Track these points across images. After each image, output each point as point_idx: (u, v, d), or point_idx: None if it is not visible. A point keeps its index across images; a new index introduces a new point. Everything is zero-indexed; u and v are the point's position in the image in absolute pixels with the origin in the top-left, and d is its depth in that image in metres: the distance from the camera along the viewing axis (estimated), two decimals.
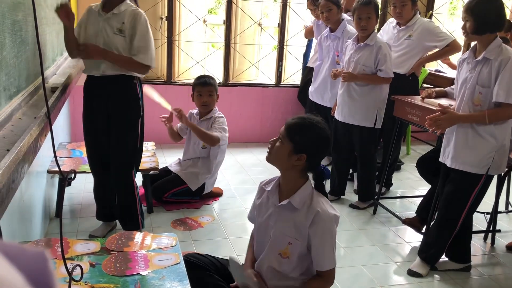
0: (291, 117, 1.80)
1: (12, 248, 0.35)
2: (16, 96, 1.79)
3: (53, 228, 2.95)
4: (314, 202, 1.74)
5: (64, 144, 3.51)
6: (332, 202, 3.59)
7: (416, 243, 3.11)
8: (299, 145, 1.72)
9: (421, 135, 5.28)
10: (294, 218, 1.76)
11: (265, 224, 1.85)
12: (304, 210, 1.74)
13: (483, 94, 2.44)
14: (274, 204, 1.82)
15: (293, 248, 1.77)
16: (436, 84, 4.74)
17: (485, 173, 2.53)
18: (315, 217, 1.71)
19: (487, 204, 3.43)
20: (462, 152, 2.55)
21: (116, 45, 2.55)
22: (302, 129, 1.74)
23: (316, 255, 1.74)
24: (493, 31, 2.43)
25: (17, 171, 1.28)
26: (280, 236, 1.79)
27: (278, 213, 1.80)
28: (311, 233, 1.73)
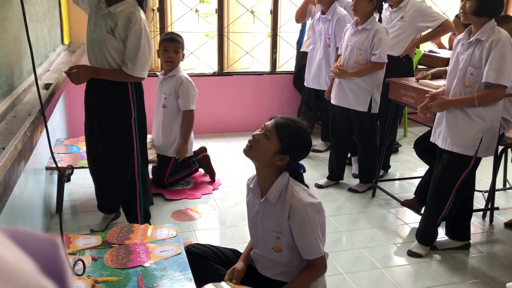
0: (280, 116, 1.79)
1: (24, 235, 0.36)
2: (9, 94, 1.80)
3: (54, 224, 2.96)
4: (289, 193, 1.73)
5: (61, 140, 3.52)
6: (331, 187, 3.69)
7: (416, 224, 3.13)
8: (286, 146, 1.72)
9: (417, 117, 5.25)
10: (275, 212, 1.77)
11: (254, 222, 1.87)
12: (280, 203, 1.74)
13: (474, 75, 2.45)
14: (258, 201, 1.83)
15: (282, 242, 1.78)
16: (430, 64, 4.73)
17: (473, 155, 2.54)
18: (290, 209, 1.71)
19: (485, 182, 3.46)
20: (451, 133, 2.56)
21: (107, 44, 2.48)
22: (292, 132, 1.74)
23: (300, 245, 1.74)
24: (492, 15, 2.42)
25: (14, 169, 1.29)
26: (267, 232, 1.80)
27: (262, 209, 1.81)
28: (291, 224, 1.73)
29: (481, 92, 2.44)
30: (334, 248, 2.77)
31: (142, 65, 2.50)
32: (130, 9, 2.47)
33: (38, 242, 0.36)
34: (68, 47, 3.77)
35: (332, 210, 3.29)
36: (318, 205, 1.76)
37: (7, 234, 0.34)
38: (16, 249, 0.33)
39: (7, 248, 0.32)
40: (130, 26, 2.44)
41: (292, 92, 5.08)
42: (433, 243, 2.81)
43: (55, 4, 3.34)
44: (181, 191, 3.54)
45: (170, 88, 3.46)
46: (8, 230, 0.35)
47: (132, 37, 2.45)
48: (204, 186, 3.67)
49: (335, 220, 3.15)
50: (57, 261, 0.35)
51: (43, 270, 0.33)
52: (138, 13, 2.48)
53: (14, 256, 0.32)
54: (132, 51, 2.47)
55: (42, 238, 0.36)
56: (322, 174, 3.98)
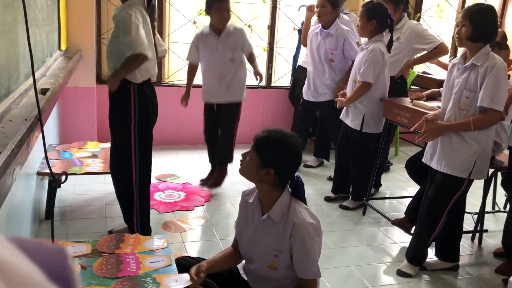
0: (263, 130, 1.77)
1: (32, 245, 0.36)
2: (6, 98, 1.79)
3: (42, 230, 2.93)
4: (291, 212, 1.72)
5: (53, 145, 3.50)
6: (322, 204, 3.69)
7: (405, 243, 3.13)
8: (266, 160, 1.70)
9: (409, 136, 5.32)
10: (276, 231, 1.75)
11: (252, 238, 1.84)
12: (283, 222, 1.73)
13: (470, 99, 2.48)
14: (258, 218, 1.81)
15: (280, 260, 1.76)
16: (424, 85, 4.79)
17: (467, 177, 2.57)
18: (292, 229, 1.70)
19: (474, 204, 3.49)
20: (446, 155, 2.59)
21: (114, 48, 2.54)
22: (269, 144, 1.72)
23: (298, 264, 1.72)
24: (487, 41, 2.47)
25: (9, 174, 1.28)
26: (266, 250, 1.78)
27: (262, 227, 1.79)
28: (291, 244, 1.72)
29: (476, 116, 2.47)
30: (324, 265, 2.76)
31: (131, 42, 2.44)
32: (123, 7, 2.54)
33: (46, 252, 0.36)
34: (65, 52, 3.77)
35: (323, 226, 3.26)
36: (318, 227, 1.76)
37: (15, 244, 0.34)
38: (24, 258, 0.33)
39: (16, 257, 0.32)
40: (119, 19, 2.50)
41: (287, 107, 5.10)
42: (422, 263, 2.81)
43: (54, 9, 3.34)
44: (173, 203, 3.53)
45: (235, 43, 3.67)
46: (16, 240, 0.35)
47: (121, 25, 2.47)
48: (196, 198, 3.66)
49: (326, 237, 3.14)
50: (65, 270, 0.35)
51: (52, 279, 0.33)
52: (128, 8, 2.50)
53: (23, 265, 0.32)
54: (123, 35, 2.46)
55: (50, 247, 0.37)
56: (316, 189, 3.98)
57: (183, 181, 3.97)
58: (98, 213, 3.26)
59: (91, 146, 3.55)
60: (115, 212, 3.09)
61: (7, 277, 0.29)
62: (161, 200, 3.55)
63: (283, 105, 5.13)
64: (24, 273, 0.31)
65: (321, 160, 4.63)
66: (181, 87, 4.88)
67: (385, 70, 3.41)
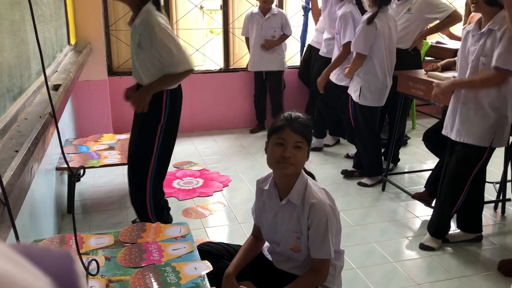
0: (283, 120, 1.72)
1: (37, 250, 0.35)
2: (20, 96, 1.80)
3: (66, 224, 2.98)
4: (309, 193, 1.73)
5: (70, 140, 3.53)
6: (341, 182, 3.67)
7: (427, 217, 3.12)
8: (310, 140, 1.75)
9: (425, 109, 5.26)
10: (296, 213, 1.76)
11: (273, 224, 1.85)
12: (301, 203, 1.74)
13: (487, 65, 2.42)
14: (276, 204, 1.81)
15: (302, 242, 1.77)
16: (438, 56, 4.70)
17: (488, 146, 2.52)
18: (310, 209, 1.71)
19: (495, 173, 3.44)
20: (466, 125, 2.54)
21: (139, 59, 2.49)
22: (309, 127, 1.75)
23: (312, 243, 1.73)
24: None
25: (28, 171, 1.30)
26: (288, 233, 1.79)
27: (282, 211, 1.80)
28: (308, 224, 1.73)
29: (484, 75, 2.42)
30: (345, 242, 2.76)
31: (179, 59, 2.43)
32: (144, 16, 2.44)
33: (51, 257, 0.35)
34: (74, 47, 3.78)
35: (342, 205, 3.28)
36: (335, 208, 1.76)
37: (19, 250, 0.34)
38: (28, 266, 0.33)
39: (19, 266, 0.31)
40: (149, 33, 2.40)
41: (298, 87, 5.06)
42: (445, 236, 2.79)
43: (61, 5, 3.34)
44: (192, 190, 3.55)
45: (277, 23, 4.55)
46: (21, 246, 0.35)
47: (157, 41, 2.40)
48: (214, 183, 3.68)
49: (346, 214, 3.15)
50: (72, 275, 0.35)
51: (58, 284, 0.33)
52: (151, 17, 2.43)
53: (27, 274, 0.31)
54: (163, 53, 2.41)
55: (55, 252, 0.36)
56: (333, 167, 3.97)
57: (200, 168, 3.99)
58: (118, 204, 3.30)
59: (108, 138, 3.58)
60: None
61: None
62: (179, 188, 3.57)
63: (294, 85, 5.09)
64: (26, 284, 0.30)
65: (337, 138, 4.61)
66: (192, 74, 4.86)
67: (380, 41, 3.34)
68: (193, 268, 1.81)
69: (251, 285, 1.84)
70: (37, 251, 0.35)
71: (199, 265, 1.84)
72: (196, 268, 1.82)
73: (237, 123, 5.10)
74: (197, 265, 1.84)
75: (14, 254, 0.33)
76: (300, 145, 1.70)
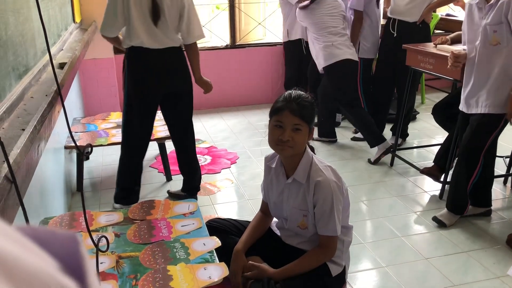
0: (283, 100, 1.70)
1: (43, 233, 0.35)
2: (25, 75, 1.80)
3: (76, 202, 3.01)
4: (314, 171, 1.72)
5: (78, 119, 3.54)
6: (351, 158, 3.66)
7: (435, 191, 3.11)
8: (311, 122, 1.72)
9: (435, 83, 5.19)
10: (302, 191, 1.76)
11: (279, 201, 1.86)
12: (307, 181, 1.74)
13: (498, 32, 2.38)
14: (283, 182, 1.81)
15: (308, 219, 1.78)
16: (448, 29, 4.61)
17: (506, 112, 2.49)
18: (316, 187, 1.71)
19: (506, 147, 3.40)
20: (488, 95, 2.50)
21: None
22: (309, 107, 1.71)
23: (319, 221, 1.74)
24: None
25: (34, 150, 1.30)
26: (294, 211, 1.80)
27: (289, 189, 1.80)
28: (314, 202, 1.73)
29: (496, 41, 2.40)
30: (353, 218, 2.76)
31: (103, 22, 2.58)
32: None
33: (58, 240, 0.35)
34: (79, 25, 3.76)
35: (351, 181, 3.28)
36: (341, 184, 1.76)
37: (26, 233, 0.34)
38: (35, 248, 0.32)
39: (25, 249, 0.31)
40: None
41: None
42: (465, 213, 2.75)
43: None
44: (201, 167, 3.56)
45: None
46: (27, 229, 0.35)
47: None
48: (222, 161, 3.68)
49: (354, 190, 3.15)
50: (78, 258, 0.35)
51: (64, 267, 0.33)
52: None
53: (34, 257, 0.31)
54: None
55: (62, 235, 0.36)
56: (341, 143, 3.96)
57: (208, 145, 4.00)
58: None
59: (115, 117, 3.58)
60: (143, 180, 3.14)
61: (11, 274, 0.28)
62: None
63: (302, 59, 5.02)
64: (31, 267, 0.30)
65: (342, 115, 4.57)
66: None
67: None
68: (202, 244, 1.83)
69: (260, 260, 1.86)
70: (43, 234, 0.35)
71: (208, 241, 1.85)
72: (205, 244, 1.83)
73: (245, 100, 5.08)
74: (206, 241, 1.85)
75: (21, 236, 0.33)
76: (299, 127, 1.68)
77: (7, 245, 0.30)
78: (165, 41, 2.58)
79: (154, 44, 2.56)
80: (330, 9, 3.61)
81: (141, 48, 2.56)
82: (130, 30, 2.53)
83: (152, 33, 2.55)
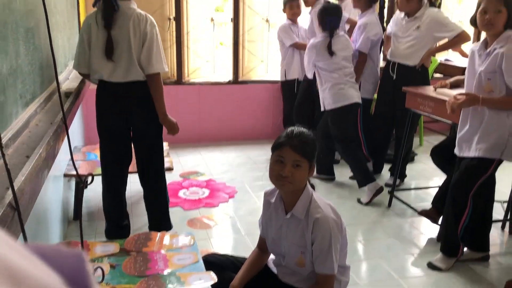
0: (285, 138, 1.72)
1: (49, 250, 0.36)
2: (32, 102, 1.83)
3: (72, 231, 2.99)
4: (313, 208, 1.73)
5: (79, 147, 3.56)
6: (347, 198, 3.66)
7: (433, 234, 3.10)
8: (312, 159, 1.73)
9: (433, 125, 5.25)
10: (300, 228, 1.76)
11: (277, 237, 1.85)
12: (305, 218, 1.73)
13: (492, 80, 2.44)
14: (282, 217, 1.81)
15: (306, 256, 1.77)
16: (447, 73, 4.70)
17: (497, 158, 2.51)
18: (314, 224, 1.70)
19: (503, 192, 3.41)
20: (477, 139, 2.53)
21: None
22: (309, 144, 1.73)
23: (316, 258, 1.72)
24: None
25: (38, 177, 1.31)
26: (292, 247, 1.79)
27: (287, 225, 1.80)
28: (312, 239, 1.72)
29: (489, 88, 2.45)
30: (350, 258, 2.73)
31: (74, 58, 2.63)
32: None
33: (63, 257, 0.36)
34: None
35: (348, 219, 3.27)
36: (340, 223, 1.76)
37: (32, 250, 0.35)
38: (41, 264, 0.33)
39: (32, 263, 0.32)
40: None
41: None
42: (458, 256, 2.73)
43: (74, 13, 3.40)
44: (198, 200, 3.56)
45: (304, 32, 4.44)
46: (34, 245, 0.36)
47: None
48: (220, 194, 3.68)
49: (352, 230, 3.13)
50: (83, 275, 0.36)
51: (70, 283, 0.34)
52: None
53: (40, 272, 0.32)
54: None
55: (67, 252, 0.37)
56: (339, 182, 3.97)
57: (206, 178, 4.00)
58: None
59: None
60: (140, 211, 3.13)
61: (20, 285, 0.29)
62: (185, 198, 3.58)
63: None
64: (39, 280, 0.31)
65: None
66: (201, 85, 4.92)
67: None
68: (198, 279, 1.81)
69: None
70: (49, 251, 0.36)
71: (203, 276, 1.83)
72: (201, 278, 1.82)
73: (245, 135, 5.11)
74: (201, 276, 1.83)
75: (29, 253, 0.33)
76: (299, 163, 1.70)
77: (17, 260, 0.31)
78: (126, 74, 2.52)
79: (114, 78, 2.53)
80: (345, 48, 3.67)
81: (103, 81, 2.56)
82: (91, 64, 2.54)
83: (111, 67, 2.51)
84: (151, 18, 2.55)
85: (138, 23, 2.48)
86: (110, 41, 2.47)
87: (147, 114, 2.63)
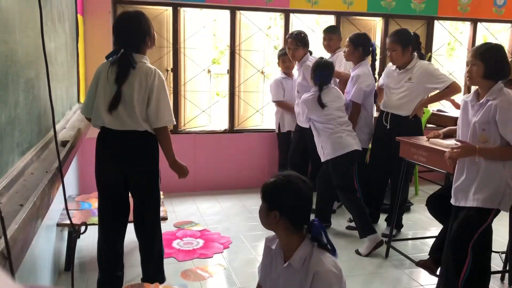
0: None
1: None
2: (28, 151, 1.83)
3: (62, 281, 2.91)
4: (313, 260, 1.70)
5: (73, 196, 3.53)
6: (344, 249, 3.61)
7: (432, 285, 3.04)
8: (271, 203, 1.74)
9: (428, 175, 5.26)
10: (298, 279, 1.72)
11: (275, 285, 1.81)
12: (304, 269, 1.70)
13: (486, 130, 2.48)
14: (281, 265, 1.79)
15: None
16: (439, 123, 4.78)
17: (495, 207, 2.51)
18: (314, 277, 1.67)
19: (501, 243, 3.39)
20: (474, 189, 2.54)
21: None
22: (273, 188, 1.75)
23: None
24: (499, 78, 2.49)
25: (31, 226, 1.30)
26: None
27: (285, 274, 1.77)
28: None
29: (484, 138, 2.49)
30: None
31: (83, 103, 2.74)
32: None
33: None
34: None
35: (345, 270, 3.17)
36: (340, 276, 1.72)
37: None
38: None
39: None
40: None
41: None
42: None
43: (74, 65, 3.46)
44: (192, 251, 3.50)
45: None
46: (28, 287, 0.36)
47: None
48: (215, 245, 3.63)
49: (348, 281, 3.04)
50: None
51: None
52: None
53: None
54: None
55: None
56: (336, 231, 3.92)
57: (201, 228, 3.95)
58: None
59: None
60: (134, 262, 3.06)
61: None
62: (179, 248, 3.52)
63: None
64: None
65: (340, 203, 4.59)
66: (197, 134, 4.95)
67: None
68: None
69: None
70: None
71: None
72: None
73: (240, 184, 5.10)
74: None
75: None
76: (268, 213, 1.74)
77: None
78: (127, 123, 2.55)
79: (116, 125, 2.56)
80: (336, 99, 3.73)
81: (104, 128, 2.61)
82: (94, 109, 2.59)
83: (114, 114, 2.55)
84: (159, 73, 2.59)
85: (146, 78, 2.53)
86: (118, 96, 2.52)
87: (144, 167, 2.66)
